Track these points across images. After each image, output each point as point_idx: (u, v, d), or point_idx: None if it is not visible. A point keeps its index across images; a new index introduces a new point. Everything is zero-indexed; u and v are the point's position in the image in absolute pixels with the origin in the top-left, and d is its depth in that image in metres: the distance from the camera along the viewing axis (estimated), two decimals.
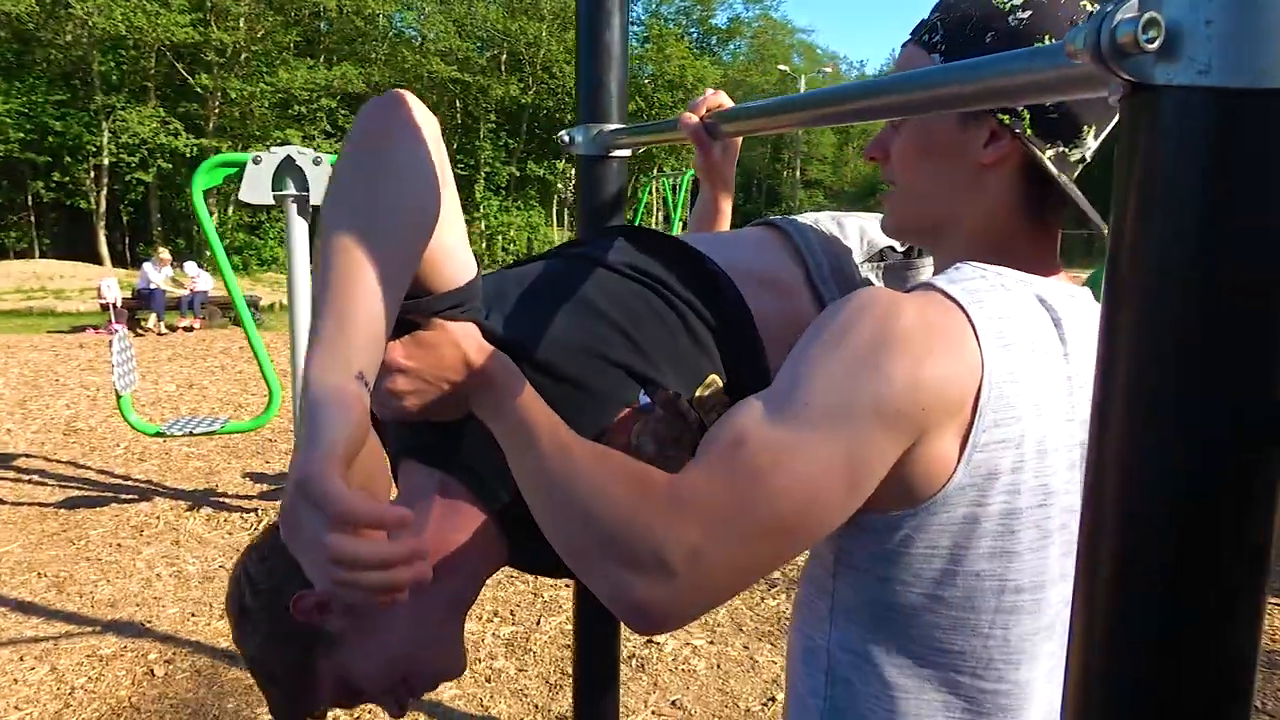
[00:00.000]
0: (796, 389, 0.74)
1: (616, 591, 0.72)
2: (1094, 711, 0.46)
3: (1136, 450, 0.45)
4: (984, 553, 0.79)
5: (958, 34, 0.83)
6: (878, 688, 0.85)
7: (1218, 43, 0.41)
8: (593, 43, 1.56)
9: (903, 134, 0.87)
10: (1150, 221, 0.45)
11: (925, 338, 0.74)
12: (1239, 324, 0.43)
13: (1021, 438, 0.76)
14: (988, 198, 0.84)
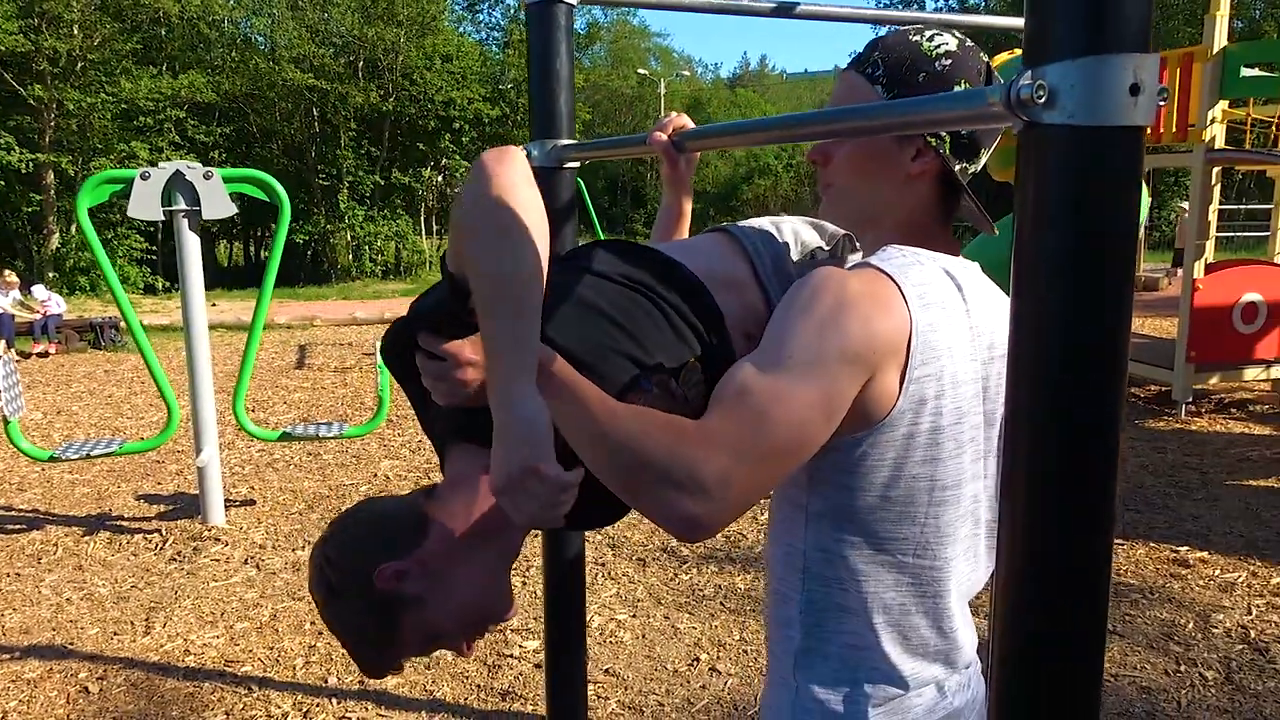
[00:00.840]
0: (781, 347, 0.98)
1: (668, 509, 0.93)
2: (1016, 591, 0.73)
3: (1037, 395, 0.72)
4: (918, 460, 1.06)
5: (896, 71, 1.08)
6: (844, 574, 1.10)
7: (1078, 98, 0.68)
8: (544, 69, 1.78)
9: (848, 147, 1.12)
10: (1041, 209, 0.71)
11: (870, 301, 1.00)
12: (1097, 279, 0.70)
13: (941, 373, 1.04)
14: (911, 199, 1.11)
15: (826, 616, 1.12)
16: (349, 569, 1.07)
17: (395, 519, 1.10)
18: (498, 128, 26.52)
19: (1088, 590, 0.72)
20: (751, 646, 3.43)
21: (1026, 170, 0.72)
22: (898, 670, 1.11)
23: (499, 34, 31.79)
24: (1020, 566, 0.74)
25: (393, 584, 1.05)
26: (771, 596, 1.19)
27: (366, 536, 1.09)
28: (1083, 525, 0.73)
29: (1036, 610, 0.74)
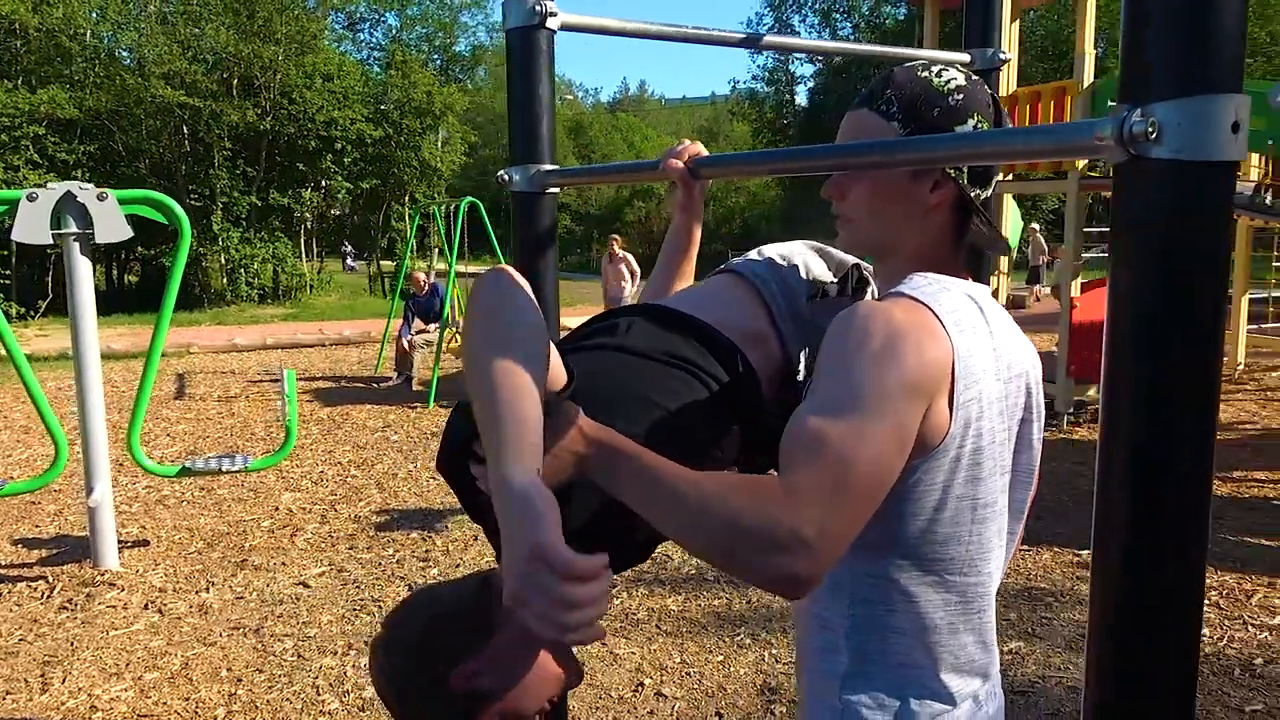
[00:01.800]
0: (845, 390, 0.98)
1: (773, 571, 0.92)
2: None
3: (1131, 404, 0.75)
4: (962, 480, 1.08)
5: (911, 108, 1.11)
6: (895, 596, 1.12)
7: (1185, 135, 0.71)
8: (526, 94, 1.75)
9: (866, 181, 1.15)
10: (1143, 241, 0.75)
11: (916, 331, 1.01)
12: (1191, 298, 0.74)
13: (980, 395, 1.07)
14: (929, 229, 1.15)
15: (874, 639, 1.13)
16: (420, 675, 1.05)
17: (460, 615, 1.08)
18: (381, 149, 25.93)
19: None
20: (694, 668, 3.43)
21: (1128, 203, 0.76)
22: (946, 688, 1.13)
23: (380, 54, 31.21)
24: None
25: (469, 684, 1.04)
26: (811, 622, 1.19)
27: (432, 644, 1.06)
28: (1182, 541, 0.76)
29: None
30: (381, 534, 5.14)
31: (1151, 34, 0.74)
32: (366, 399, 9.40)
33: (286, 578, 4.50)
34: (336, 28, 30.00)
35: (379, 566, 4.62)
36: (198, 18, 23.16)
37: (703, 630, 3.76)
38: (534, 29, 1.72)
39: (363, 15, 31.24)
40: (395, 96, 26.40)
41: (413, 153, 26.73)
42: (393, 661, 1.07)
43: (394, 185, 27.27)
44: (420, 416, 8.49)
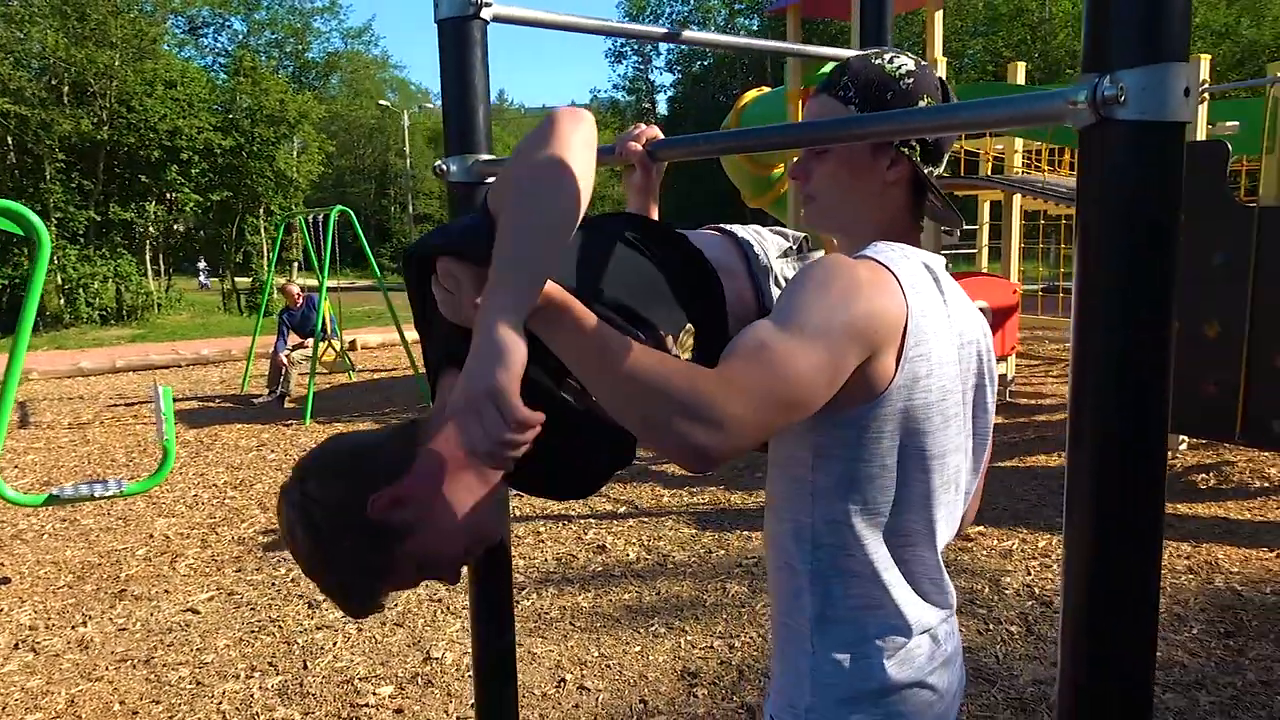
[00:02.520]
0: (796, 315, 1.06)
1: (682, 439, 0.98)
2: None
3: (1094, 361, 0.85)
4: (911, 431, 1.17)
5: (866, 92, 1.21)
6: (850, 540, 1.20)
7: (1148, 99, 0.81)
8: (462, 85, 1.76)
9: (830, 162, 1.24)
10: (1112, 195, 0.84)
11: (874, 287, 1.11)
12: (1160, 249, 0.84)
13: (929, 354, 1.16)
14: (888, 203, 1.25)
15: (836, 582, 1.20)
16: (338, 503, 1.04)
17: (378, 448, 1.09)
18: (231, 159, 24.79)
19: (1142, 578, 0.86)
20: (612, 660, 3.47)
21: (1097, 161, 0.85)
22: (903, 619, 1.22)
23: (226, 59, 29.85)
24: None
25: (387, 512, 1.03)
26: (780, 572, 1.26)
27: (352, 468, 1.07)
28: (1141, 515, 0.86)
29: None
30: (271, 554, 4.94)
31: (1115, 10, 0.83)
32: (235, 419, 8.99)
33: (172, 605, 4.26)
34: (177, 32, 28.53)
35: (273, 587, 4.44)
36: (21, 20, 21.55)
37: (617, 624, 3.80)
38: (467, 20, 1.73)
39: (206, 19, 29.83)
40: (245, 104, 25.30)
41: (266, 163, 25.66)
42: (307, 492, 1.06)
43: (247, 197, 26.11)
44: (297, 433, 8.19)
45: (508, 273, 0.94)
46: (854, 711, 1.19)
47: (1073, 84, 0.86)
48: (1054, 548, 4.49)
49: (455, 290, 1.07)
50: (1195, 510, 5.01)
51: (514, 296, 0.93)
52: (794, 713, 1.21)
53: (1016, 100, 0.92)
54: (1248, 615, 3.59)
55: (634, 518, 5.29)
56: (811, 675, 1.21)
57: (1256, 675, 3.12)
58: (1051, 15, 34.14)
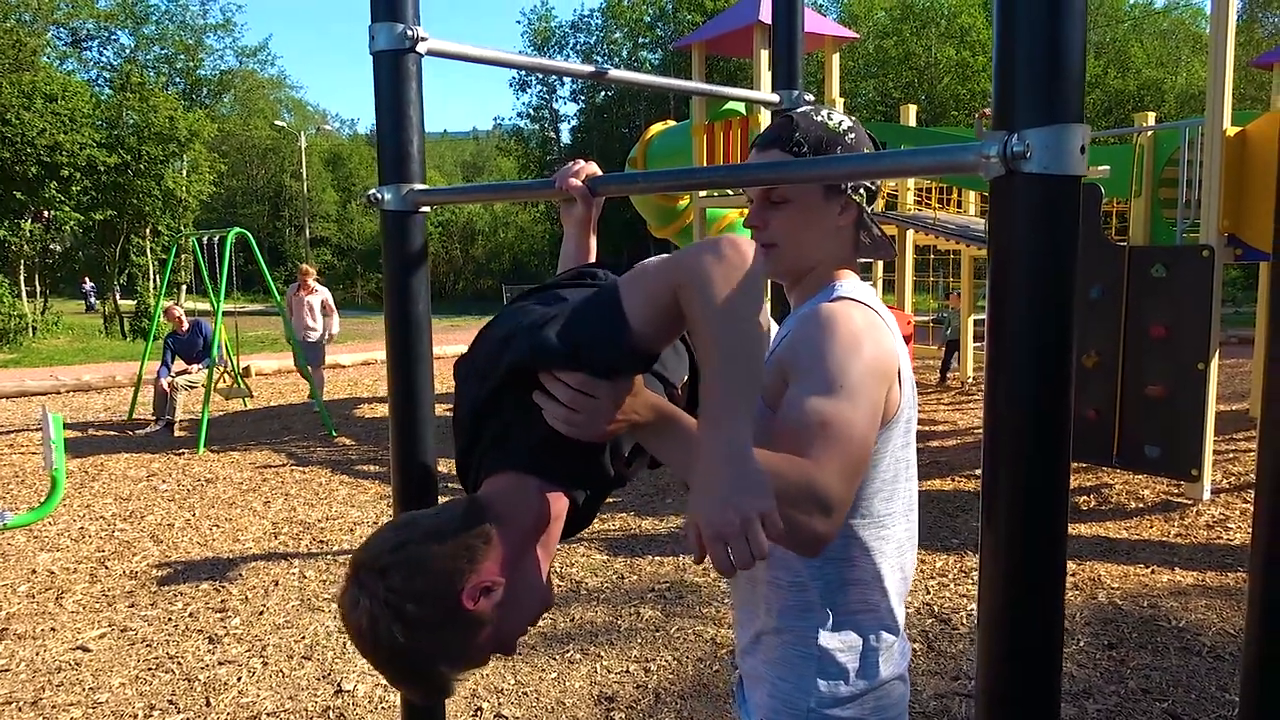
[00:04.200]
0: (833, 379, 1.16)
1: (804, 531, 1.06)
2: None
3: (1007, 382, 0.95)
4: (900, 444, 1.32)
5: (818, 147, 1.33)
6: (855, 551, 1.31)
7: (1050, 155, 0.92)
8: (397, 115, 1.80)
9: (788, 210, 1.35)
10: (1017, 242, 0.95)
11: (874, 328, 1.25)
12: (1061, 286, 0.94)
13: (907, 377, 1.31)
14: (841, 244, 1.38)
15: (842, 590, 1.31)
16: (432, 596, 1.02)
17: (453, 534, 1.07)
18: (117, 177, 23.76)
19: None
20: (529, 688, 3.46)
21: (1006, 209, 0.95)
22: (894, 619, 1.34)
23: (112, 74, 28.66)
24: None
25: (480, 601, 1.04)
26: (779, 589, 1.33)
27: (436, 558, 1.04)
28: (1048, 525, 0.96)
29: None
30: (166, 588, 4.75)
31: (1018, 75, 0.94)
32: (122, 448, 8.59)
33: (59, 644, 4.05)
34: (59, 44, 27.26)
35: (169, 622, 4.27)
36: None
37: (533, 651, 3.80)
38: (403, 53, 1.77)
39: (90, 32, 28.62)
40: (132, 120, 24.33)
41: (154, 181, 24.69)
42: (391, 585, 1.02)
43: (133, 216, 25.04)
44: (190, 462, 7.88)
45: (743, 403, 0.96)
46: (851, 707, 1.30)
47: (983, 139, 0.96)
48: (950, 568, 4.70)
49: (589, 408, 1.06)
50: (1078, 530, 5.32)
51: (745, 409, 0.96)
52: (794, 714, 1.30)
53: (936, 151, 1.03)
54: (1128, 628, 3.84)
55: None
56: (816, 678, 1.31)
57: (1137, 684, 3.35)
58: (937, 60, 35.88)
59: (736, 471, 0.92)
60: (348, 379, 13.63)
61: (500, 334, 1.16)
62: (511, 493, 1.14)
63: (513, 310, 1.23)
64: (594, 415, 1.07)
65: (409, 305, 1.77)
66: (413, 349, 1.77)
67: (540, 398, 1.09)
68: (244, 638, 4.04)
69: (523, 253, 47.62)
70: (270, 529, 5.80)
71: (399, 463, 1.76)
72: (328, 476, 7.23)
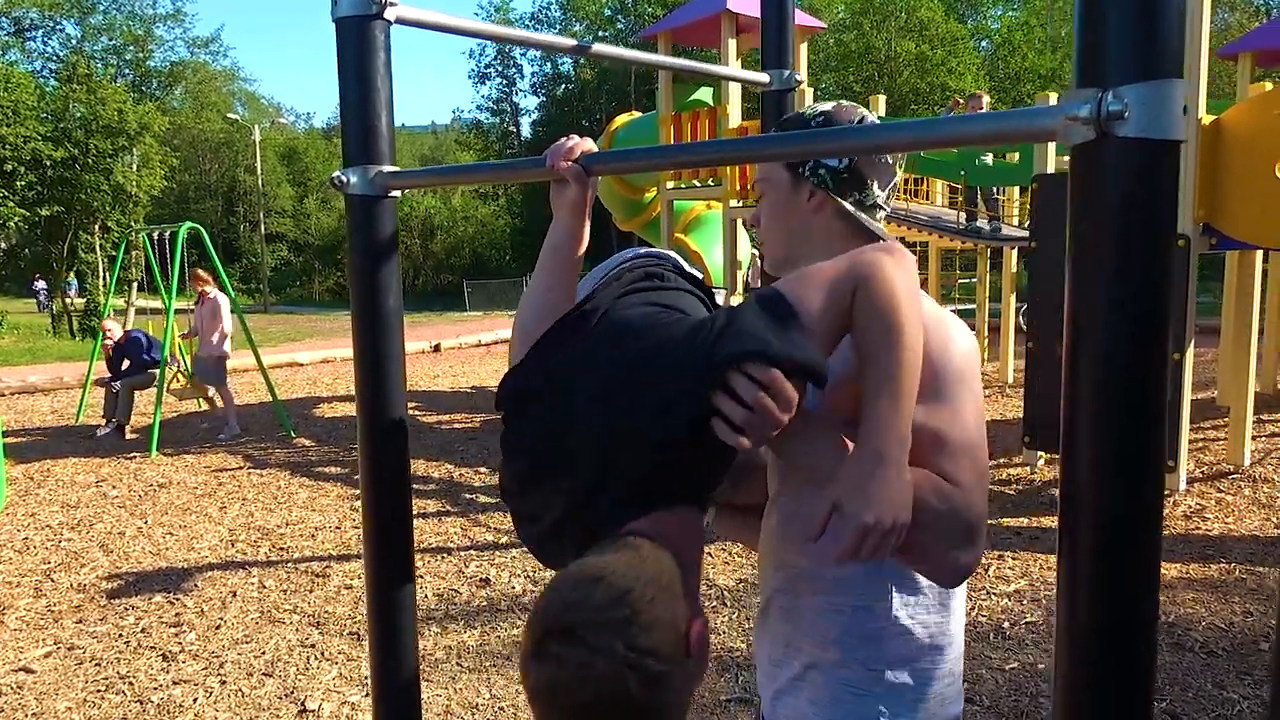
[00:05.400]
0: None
1: (955, 564, 1.09)
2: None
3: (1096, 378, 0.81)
4: None
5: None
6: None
7: (1149, 116, 0.78)
8: (362, 90, 1.62)
9: (764, 206, 1.32)
10: (1107, 211, 0.81)
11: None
12: (1155, 269, 0.81)
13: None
14: (823, 233, 1.30)
15: (910, 610, 1.22)
16: (666, 646, 0.92)
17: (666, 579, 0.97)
18: (63, 171, 23.03)
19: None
20: (505, 702, 3.30)
21: (1094, 179, 0.81)
22: (950, 632, 1.26)
23: (57, 65, 27.82)
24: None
25: (696, 644, 0.96)
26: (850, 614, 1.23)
27: (659, 605, 0.93)
28: None
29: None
30: (116, 602, 4.51)
31: (1111, 24, 0.80)
32: (70, 452, 8.25)
33: (1, 664, 3.81)
34: (1, 34, 26.38)
35: (120, 639, 4.04)
36: None
37: (506, 662, 3.63)
38: (369, 19, 1.60)
39: (34, 21, 27.74)
40: (79, 113, 23.62)
41: (103, 176, 23.98)
42: (635, 643, 0.89)
43: (81, 212, 24.32)
44: (142, 467, 7.58)
45: (907, 408, 1.01)
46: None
47: (1066, 99, 0.82)
48: None
49: (770, 410, 0.98)
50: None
51: (906, 421, 1.01)
52: None
53: (1005, 116, 0.88)
54: None
55: (516, 548, 5.11)
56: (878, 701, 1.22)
57: None
58: (896, 54, 36.09)
59: (895, 477, 0.98)
60: (306, 377, 13.29)
61: (649, 357, 1.05)
62: (682, 525, 1.07)
63: (637, 324, 1.11)
64: (773, 418, 0.99)
65: (378, 299, 1.60)
66: (383, 347, 1.60)
67: (721, 399, 0.99)
68: (200, 654, 3.83)
69: (484, 246, 47.12)
70: (227, 536, 5.56)
71: (370, 469, 1.60)
72: (287, 479, 6.99)
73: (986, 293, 10.94)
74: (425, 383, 12.19)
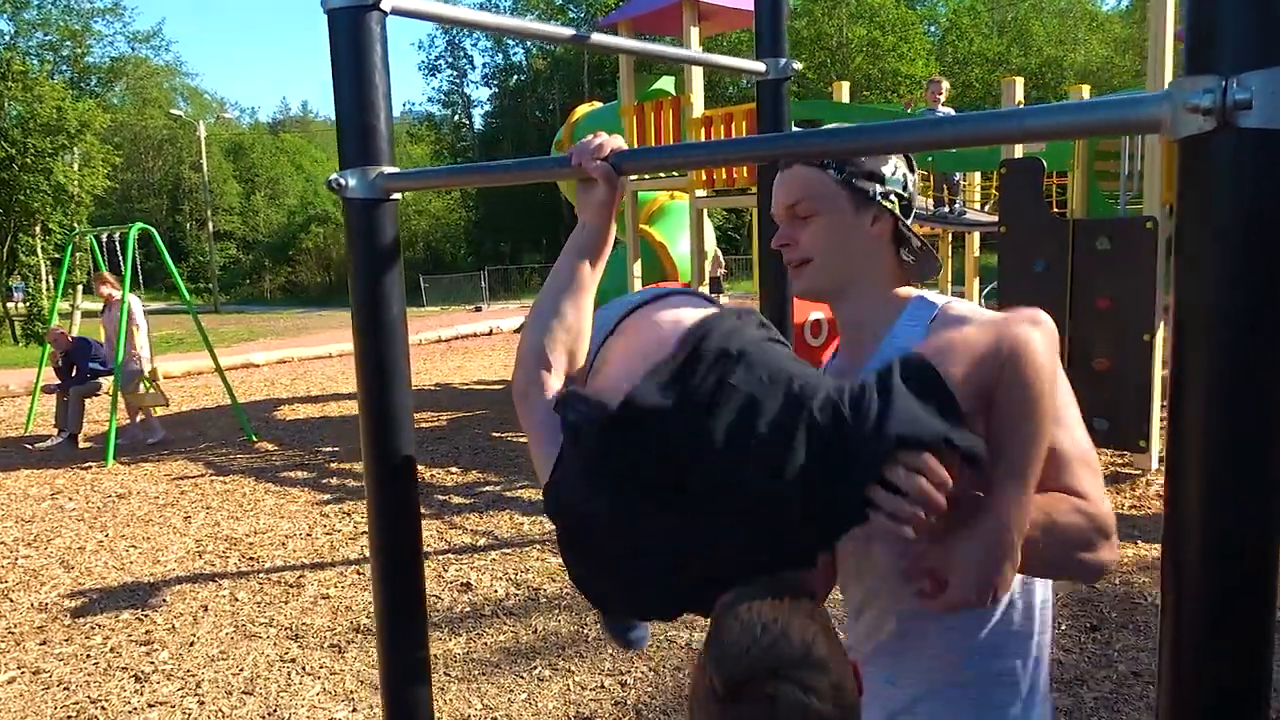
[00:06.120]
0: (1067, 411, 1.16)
1: (1098, 564, 1.10)
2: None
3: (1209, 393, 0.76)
4: None
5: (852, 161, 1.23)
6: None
7: (1274, 106, 0.72)
8: (359, 86, 1.53)
9: (817, 225, 1.24)
10: (1226, 209, 0.75)
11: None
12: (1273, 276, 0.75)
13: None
14: (881, 258, 1.27)
15: (1025, 628, 1.24)
16: (848, 680, 0.89)
17: (818, 616, 0.92)
18: (1, 172, 22.26)
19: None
20: (499, 711, 3.21)
21: (1215, 175, 0.75)
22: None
23: None
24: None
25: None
26: (975, 628, 1.22)
27: (832, 643, 0.89)
28: None
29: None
30: (82, 621, 4.33)
31: (1228, 6, 0.74)
32: (21, 464, 7.95)
33: None
34: None
35: (88, 660, 3.87)
36: None
37: (497, 669, 3.54)
38: (364, 10, 1.50)
39: None
40: (15, 112, 22.83)
41: (43, 176, 23.21)
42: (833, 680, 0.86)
43: (20, 214, 23.54)
44: (99, 477, 7.33)
45: (1035, 475, 1.01)
46: None
47: (1179, 87, 0.76)
48: None
49: (940, 496, 0.94)
50: None
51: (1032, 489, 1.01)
52: None
53: (1105, 105, 0.82)
54: (1106, 607, 3.78)
55: (495, 549, 5.02)
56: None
57: (1127, 667, 3.27)
58: (848, 40, 36.29)
59: (1010, 567, 0.99)
60: (263, 379, 13.01)
61: (802, 425, 0.95)
62: (816, 571, 1.08)
63: (770, 383, 0.99)
64: (935, 505, 0.93)
65: (381, 309, 1.51)
66: (388, 355, 1.51)
67: (881, 494, 0.92)
68: (174, 673, 3.68)
69: (439, 241, 46.53)
70: (194, 547, 5.39)
71: (377, 481, 1.52)
72: (252, 486, 6.80)
73: (949, 276, 11.01)
74: None
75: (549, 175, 1.31)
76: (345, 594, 4.48)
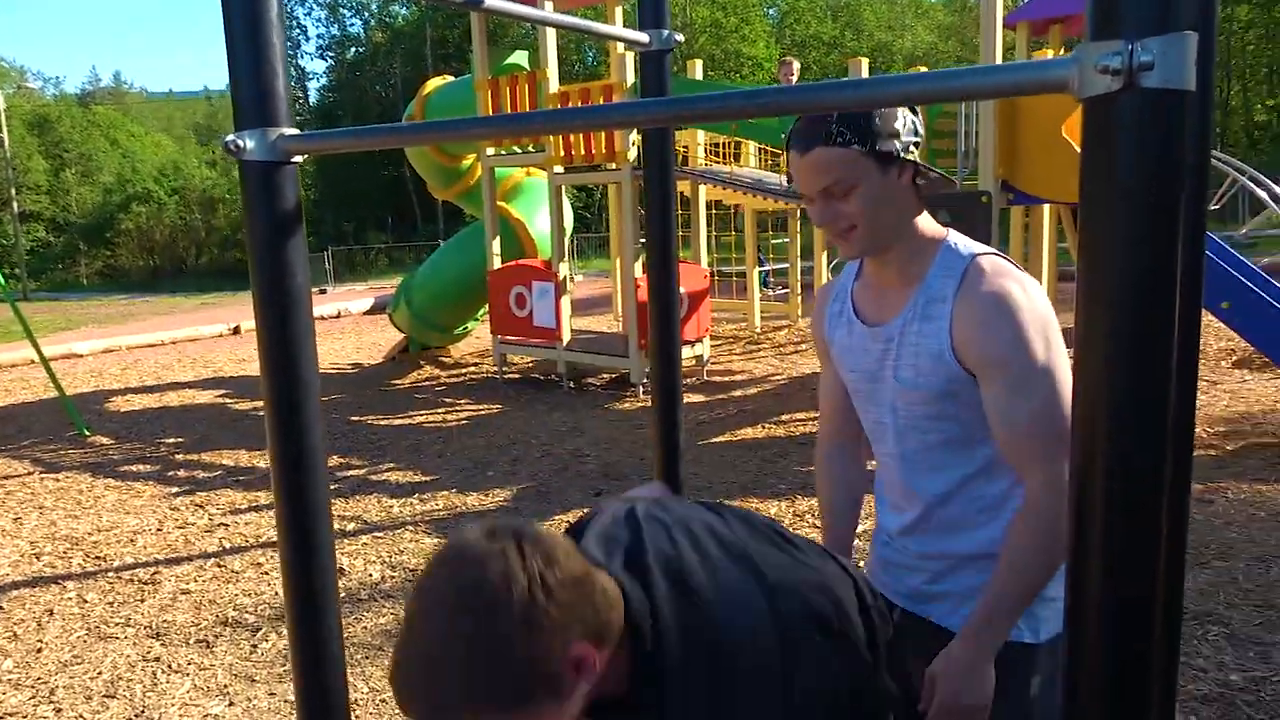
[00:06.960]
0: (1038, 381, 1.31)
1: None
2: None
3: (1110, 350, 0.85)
4: None
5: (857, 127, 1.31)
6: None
7: (1172, 67, 0.81)
8: (253, 41, 1.47)
9: (854, 197, 1.34)
10: (1132, 167, 0.84)
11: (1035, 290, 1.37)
12: (1175, 223, 0.85)
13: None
14: (913, 203, 1.41)
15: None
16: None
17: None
18: None
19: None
20: (383, 694, 3.16)
21: (1116, 133, 0.84)
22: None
23: None
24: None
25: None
26: (980, 514, 1.46)
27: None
28: None
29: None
30: None
31: None
32: None
33: None
34: None
35: None
36: None
37: (379, 651, 3.47)
38: None
39: None
40: None
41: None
42: None
43: None
44: None
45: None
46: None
47: (1087, 50, 0.84)
48: (784, 513, 4.81)
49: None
50: None
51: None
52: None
53: (1013, 69, 0.89)
54: None
55: (367, 533, 4.90)
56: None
57: None
58: (692, 21, 36.83)
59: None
60: (89, 369, 12.07)
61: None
62: None
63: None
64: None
65: (283, 277, 1.45)
66: (292, 327, 1.45)
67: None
68: (23, 682, 3.42)
69: None
70: (29, 549, 4.99)
71: (283, 461, 1.46)
72: (89, 482, 6.34)
73: (799, 251, 11.43)
74: (231, 367, 11.37)
75: (464, 135, 1.30)
76: (207, 588, 4.27)
